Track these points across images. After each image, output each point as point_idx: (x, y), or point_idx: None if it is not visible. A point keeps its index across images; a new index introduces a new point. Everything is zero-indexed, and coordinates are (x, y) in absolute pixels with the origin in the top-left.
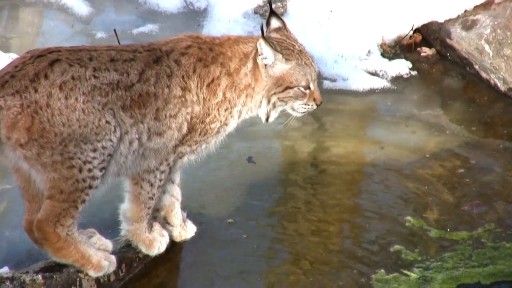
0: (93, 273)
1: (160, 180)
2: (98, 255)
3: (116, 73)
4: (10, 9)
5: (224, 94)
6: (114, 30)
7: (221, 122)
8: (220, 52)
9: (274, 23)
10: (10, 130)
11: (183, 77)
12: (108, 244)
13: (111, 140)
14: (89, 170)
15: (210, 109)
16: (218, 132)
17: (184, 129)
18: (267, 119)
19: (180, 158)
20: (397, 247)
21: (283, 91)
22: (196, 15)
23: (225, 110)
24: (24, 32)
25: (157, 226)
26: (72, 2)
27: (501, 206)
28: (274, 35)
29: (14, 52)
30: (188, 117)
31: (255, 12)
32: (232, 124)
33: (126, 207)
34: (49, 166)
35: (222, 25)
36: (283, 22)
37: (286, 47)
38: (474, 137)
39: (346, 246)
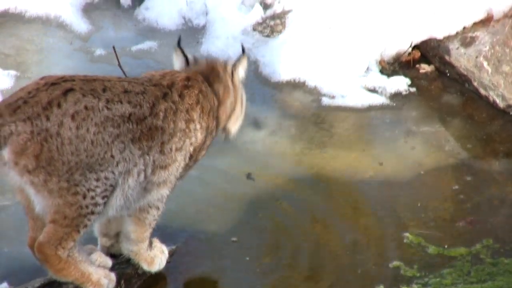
0: None
1: (165, 203)
2: (98, 273)
3: (130, 105)
4: (8, 26)
5: (217, 120)
6: (113, 47)
7: (207, 148)
8: (211, 84)
9: (189, 56)
10: (19, 156)
11: (187, 110)
12: (108, 261)
13: (112, 172)
14: (92, 198)
15: (207, 136)
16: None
17: (187, 159)
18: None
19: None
20: (395, 263)
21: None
22: (195, 32)
23: (213, 136)
24: (22, 49)
25: (157, 243)
26: (71, 19)
27: (499, 222)
28: (200, 66)
29: (13, 69)
30: (191, 148)
31: (254, 29)
32: None
33: (129, 228)
34: (55, 192)
35: (221, 42)
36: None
37: None
38: (472, 154)
39: (345, 262)
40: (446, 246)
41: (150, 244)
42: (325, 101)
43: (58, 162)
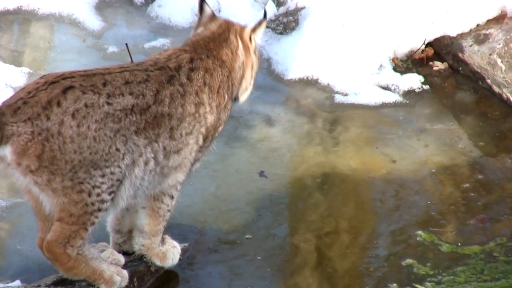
0: None
1: (179, 191)
2: (110, 270)
3: (132, 96)
4: (21, 23)
5: (228, 94)
6: (126, 44)
7: (225, 122)
8: (216, 54)
9: (208, 10)
10: (21, 156)
11: (196, 93)
12: (120, 258)
13: (119, 167)
14: (98, 194)
15: (220, 114)
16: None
17: (201, 141)
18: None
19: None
20: (409, 261)
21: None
22: None
23: (228, 109)
24: (35, 47)
25: (168, 239)
26: (84, 17)
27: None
28: (212, 24)
29: (26, 67)
30: (203, 129)
31: (267, 26)
32: None
33: (143, 222)
34: (59, 191)
35: None
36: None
37: None
38: (485, 152)
39: (358, 261)
40: (459, 244)
41: (162, 240)
42: (338, 98)
43: (61, 161)
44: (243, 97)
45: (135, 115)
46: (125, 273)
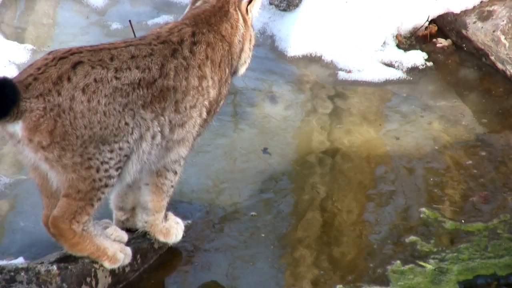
0: (108, 265)
1: (183, 166)
2: (114, 247)
3: (138, 70)
4: (25, 0)
5: (228, 68)
6: (129, 21)
7: (225, 96)
8: (217, 28)
9: None
10: (33, 132)
11: (199, 66)
12: (124, 235)
13: (128, 142)
14: (106, 170)
15: (221, 88)
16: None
17: (204, 114)
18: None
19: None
20: (412, 238)
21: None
22: None
23: (229, 83)
24: (39, 24)
25: (171, 215)
26: None
27: None
28: None
29: (29, 43)
30: (206, 102)
31: (270, 3)
32: None
33: (146, 198)
34: (69, 168)
35: None
36: None
37: None
38: (489, 128)
39: (361, 238)
40: (463, 221)
41: (165, 216)
42: (342, 75)
43: (72, 136)
44: (242, 69)
45: (142, 89)
46: (128, 250)
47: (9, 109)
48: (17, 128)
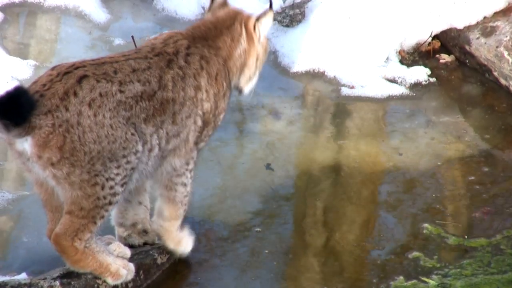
0: (111, 281)
1: (191, 178)
2: (116, 263)
3: (140, 83)
4: (27, 15)
5: (226, 82)
6: (132, 37)
7: (225, 110)
8: (212, 42)
9: None
10: (42, 149)
11: (194, 76)
12: (127, 251)
13: (136, 152)
14: (111, 187)
15: (218, 102)
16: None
17: (199, 122)
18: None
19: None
20: (415, 254)
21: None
22: None
23: (227, 97)
24: (41, 39)
25: (186, 228)
26: (90, 9)
27: None
28: (220, 11)
29: (32, 59)
30: (201, 112)
31: (273, 19)
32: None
33: (163, 206)
34: (76, 185)
35: None
36: None
37: None
38: (491, 144)
39: (364, 253)
40: (466, 237)
41: (181, 227)
42: (345, 91)
43: (81, 152)
44: (247, 87)
45: (144, 102)
46: (131, 266)
47: (25, 118)
48: (26, 145)
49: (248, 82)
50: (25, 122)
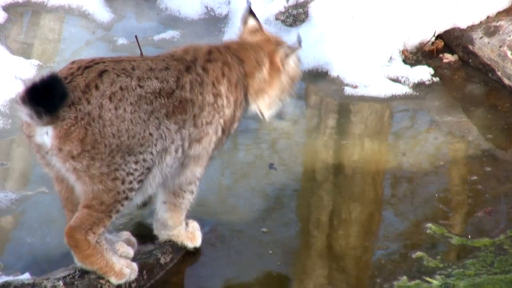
0: (114, 281)
1: (197, 186)
2: (120, 262)
3: (157, 81)
4: (31, 15)
5: (243, 92)
6: (135, 36)
7: (239, 120)
8: (235, 52)
9: (251, 22)
10: (63, 141)
11: (213, 84)
12: (130, 251)
13: (151, 153)
14: (130, 182)
15: (236, 110)
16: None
17: (219, 132)
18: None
19: None
20: (419, 254)
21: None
22: (217, 22)
23: (243, 107)
24: (45, 39)
25: (188, 220)
26: (93, 9)
27: None
28: (251, 36)
29: (35, 59)
30: (221, 121)
31: (277, 19)
32: None
33: (165, 216)
34: (96, 178)
35: None
36: (259, 23)
37: None
38: (494, 144)
39: (368, 253)
40: (469, 237)
41: (186, 223)
42: (348, 90)
43: (101, 145)
44: (268, 113)
45: (163, 98)
46: (134, 266)
47: (57, 106)
48: (46, 138)
49: (269, 109)
50: (57, 110)
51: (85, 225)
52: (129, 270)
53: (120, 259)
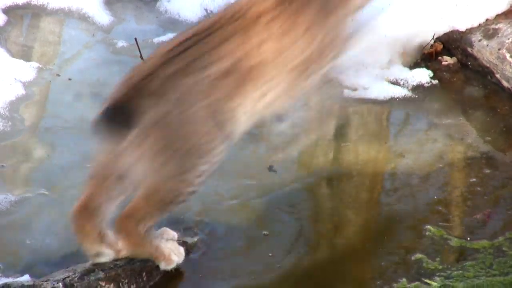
0: (164, 266)
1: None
2: (168, 246)
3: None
4: (30, 17)
5: None
6: (135, 39)
7: None
8: None
9: None
10: (143, 138)
11: None
12: (174, 234)
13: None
14: (193, 185)
15: None
16: None
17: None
18: None
19: None
20: (418, 256)
21: None
22: None
23: None
24: (45, 41)
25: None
26: (93, 11)
27: None
28: None
29: (35, 61)
30: None
31: None
32: None
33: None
34: (165, 177)
35: None
36: None
37: None
38: (493, 146)
39: (367, 255)
40: (468, 239)
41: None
42: (347, 93)
43: (177, 144)
44: None
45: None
46: (181, 249)
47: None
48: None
49: None
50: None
51: (139, 215)
52: (176, 257)
53: (167, 243)
